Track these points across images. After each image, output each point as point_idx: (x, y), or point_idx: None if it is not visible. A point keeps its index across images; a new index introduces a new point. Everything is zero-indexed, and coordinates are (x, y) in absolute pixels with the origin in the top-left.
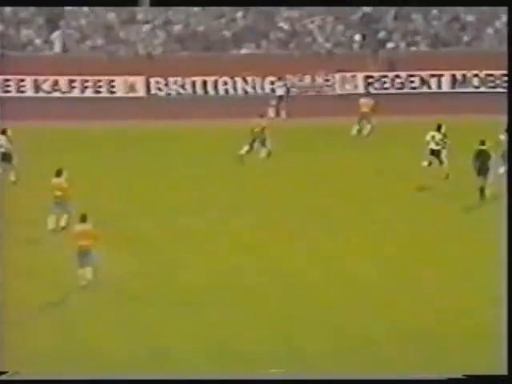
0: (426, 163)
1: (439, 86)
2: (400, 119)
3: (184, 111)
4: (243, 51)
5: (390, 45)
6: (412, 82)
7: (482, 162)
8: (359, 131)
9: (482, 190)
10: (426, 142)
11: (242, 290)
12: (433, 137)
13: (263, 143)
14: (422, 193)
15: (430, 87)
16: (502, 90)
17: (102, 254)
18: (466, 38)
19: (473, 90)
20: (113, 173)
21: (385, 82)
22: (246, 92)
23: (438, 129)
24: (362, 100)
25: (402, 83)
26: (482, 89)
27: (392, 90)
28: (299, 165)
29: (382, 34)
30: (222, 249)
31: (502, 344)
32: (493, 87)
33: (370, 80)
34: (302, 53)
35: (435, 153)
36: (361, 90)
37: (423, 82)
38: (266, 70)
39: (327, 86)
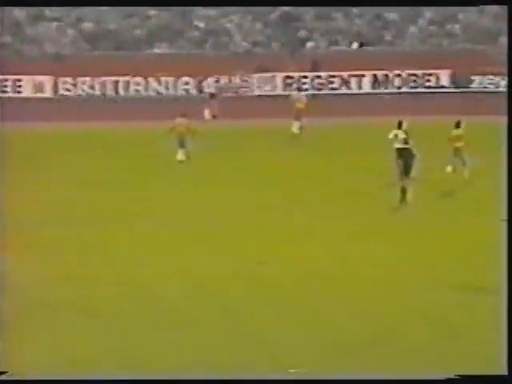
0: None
1: (360, 87)
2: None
3: (94, 112)
4: (156, 50)
5: (310, 44)
6: (332, 82)
7: (405, 160)
8: (300, 128)
9: (403, 191)
10: (390, 141)
11: (136, 301)
12: (396, 135)
13: (183, 145)
14: (354, 195)
15: (349, 88)
16: (423, 90)
17: (12, 259)
18: (388, 37)
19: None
20: (22, 176)
21: (304, 83)
22: (158, 93)
23: (399, 126)
24: (295, 95)
25: (321, 84)
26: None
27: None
28: (219, 166)
29: (302, 33)
30: (134, 255)
31: (502, 344)
32: (415, 87)
33: (289, 80)
34: (218, 52)
35: (398, 152)
36: (280, 90)
37: (344, 82)
38: (181, 71)
39: (245, 87)
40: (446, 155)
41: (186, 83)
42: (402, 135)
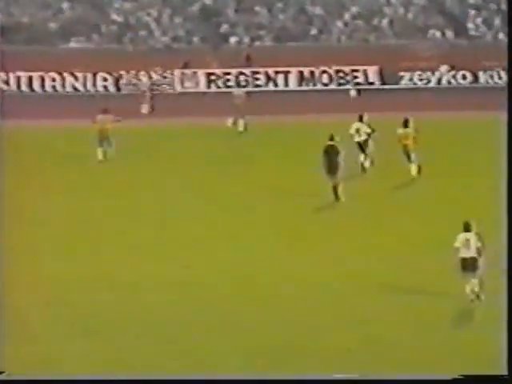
0: (361, 159)
1: (286, 84)
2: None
3: (9, 109)
4: (72, 45)
5: (233, 39)
6: (257, 79)
7: (330, 158)
8: (234, 123)
9: (335, 190)
10: (350, 136)
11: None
12: (357, 129)
13: (102, 143)
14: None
15: (276, 84)
16: (350, 86)
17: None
18: (313, 32)
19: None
20: None
21: (228, 80)
22: (75, 89)
23: (360, 119)
24: (236, 92)
25: (246, 80)
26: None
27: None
28: (141, 168)
29: (224, 28)
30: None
31: (502, 344)
32: (343, 84)
33: (212, 77)
34: (137, 48)
35: (361, 145)
36: (203, 87)
37: (269, 79)
38: (98, 66)
39: (165, 84)
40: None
41: (105, 79)
42: (363, 128)
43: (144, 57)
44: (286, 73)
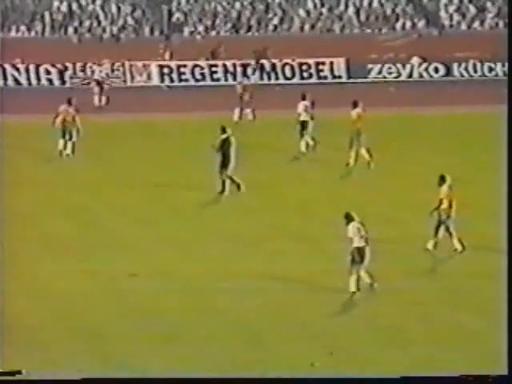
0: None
1: (246, 77)
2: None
3: None
4: (12, 34)
5: (187, 29)
6: (214, 72)
7: (225, 151)
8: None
9: (223, 183)
10: (298, 114)
11: None
12: (305, 107)
13: (64, 135)
14: None
15: (235, 78)
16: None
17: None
18: (274, 22)
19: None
20: None
21: (183, 73)
22: (18, 82)
23: (303, 98)
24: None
25: (202, 74)
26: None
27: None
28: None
29: (176, 17)
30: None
31: (502, 344)
32: (306, 78)
33: (165, 70)
34: (82, 37)
35: (305, 124)
36: (156, 81)
37: (227, 72)
38: (42, 57)
39: (115, 77)
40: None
41: (48, 72)
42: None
43: (90, 48)
44: (246, 65)
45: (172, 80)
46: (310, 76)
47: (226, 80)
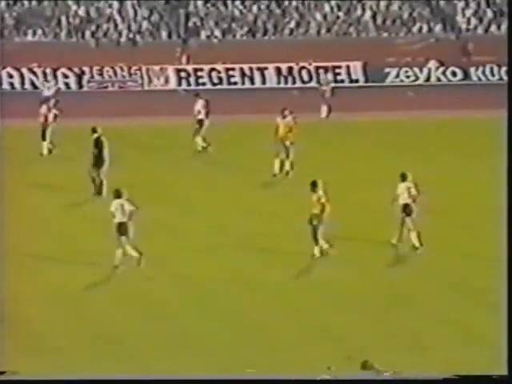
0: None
1: (263, 81)
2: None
3: None
4: (29, 38)
5: (204, 33)
6: (232, 76)
7: (98, 151)
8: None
9: (95, 181)
10: (197, 112)
11: None
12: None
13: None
14: None
15: (252, 82)
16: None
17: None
18: (290, 26)
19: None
20: None
21: (200, 77)
22: (35, 86)
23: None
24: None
25: (219, 78)
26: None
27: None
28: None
29: (193, 21)
30: None
31: (502, 344)
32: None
33: (182, 74)
34: (99, 41)
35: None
36: (173, 85)
37: (244, 75)
38: (59, 61)
39: (132, 80)
40: None
41: (66, 76)
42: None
43: (107, 51)
44: (263, 69)
45: (189, 84)
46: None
47: (243, 84)
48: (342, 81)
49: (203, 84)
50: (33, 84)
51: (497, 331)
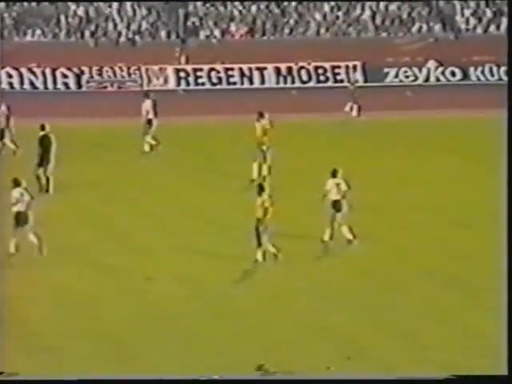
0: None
1: (262, 81)
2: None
3: None
4: (28, 38)
5: (203, 33)
6: (231, 76)
7: (44, 148)
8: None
9: (39, 179)
10: (146, 112)
11: None
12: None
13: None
14: None
15: (252, 82)
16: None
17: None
18: (289, 26)
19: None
20: None
21: (199, 77)
22: (34, 86)
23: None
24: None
25: (219, 78)
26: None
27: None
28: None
29: (192, 21)
30: None
31: (502, 344)
32: (322, 81)
33: (181, 74)
34: (99, 41)
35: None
36: (172, 85)
37: (243, 75)
38: (58, 61)
39: (131, 80)
40: None
41: (65, 76)
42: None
43: (106, 51)
44: (262, 69)
45: (188, 84)
46: (327, 80)
47: (242, 84)
48: (342, 81)
49: (202, 84)
50: (32, 84)
51: (497, 331)
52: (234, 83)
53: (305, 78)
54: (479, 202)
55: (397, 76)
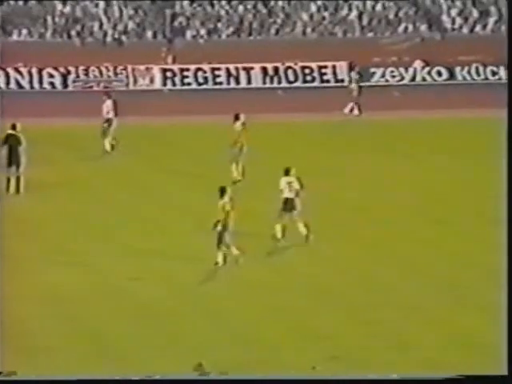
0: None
1: (249, 81)
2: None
3: None
4: (15, 37)
5: (189, 33)
6: (217, 76)
7: (10, 148)
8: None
9: (9, 179)
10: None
11: None
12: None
13: None
14: None
15: (238, 82)
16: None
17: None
18: (275, 26)
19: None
20: None
21: (186, 77)
22: (20, 86)
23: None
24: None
25: (205, 78)
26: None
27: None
28: None
29: (179, 21)
30: None
31: (502, 344)
32: (309, 81)
33: (168, 74)
34: (85, 41)
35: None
36: (158, 85)
37: (230, 75)
38: (44, 61)
39: (117, 80)
40: None
41: (51, 75)
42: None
43: (92, 51)
44: (249, 69)
45: (174, 84)
46: (313, 80)
47: (229, 84)
48: (328, 81)
49: (189, 84)
50: (18, 84)
51: (497, 331)
52: (221, 83)
53: (291, 78)
54: (459, 200)
55: (383, 76)
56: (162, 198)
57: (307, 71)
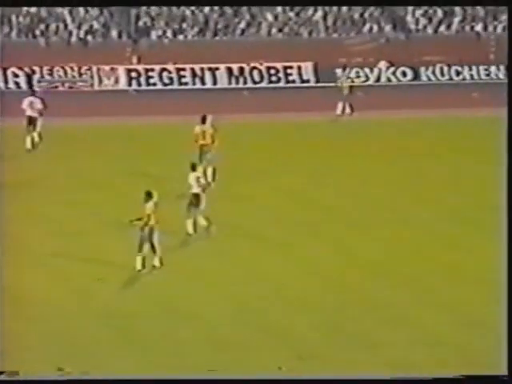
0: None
1: (214, 81)
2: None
3: None
4: None
5: (155, 33)
6: (182, 76)
7: None
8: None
9: None
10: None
11: None
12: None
13: None
14: None
15: (203, 82)
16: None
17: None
18: (241, 26)
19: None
20: None
21: (151, 77)
22: None
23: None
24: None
25: (170, 78)
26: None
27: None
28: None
29: (144, 21)
30: None
31: (502, 344)
32: (274, 81)
33: (133, 74)
34: (50, 41)
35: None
36: (123, 85)
37: (195, 75)
38: (9, 60)
39: (82, 80)
40: None
41: (16, 75)
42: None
43: (57, 51)
44: (214, 69)
45: (139, 84)
46: (278, 80)
47: (194, 84)
48: (294, 81)
49: (154, 84)
50: None
51: (497, 331)
52: (186, 83)
53: (257, 78)
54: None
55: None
56: (120, 200)
57: (272, 71)
